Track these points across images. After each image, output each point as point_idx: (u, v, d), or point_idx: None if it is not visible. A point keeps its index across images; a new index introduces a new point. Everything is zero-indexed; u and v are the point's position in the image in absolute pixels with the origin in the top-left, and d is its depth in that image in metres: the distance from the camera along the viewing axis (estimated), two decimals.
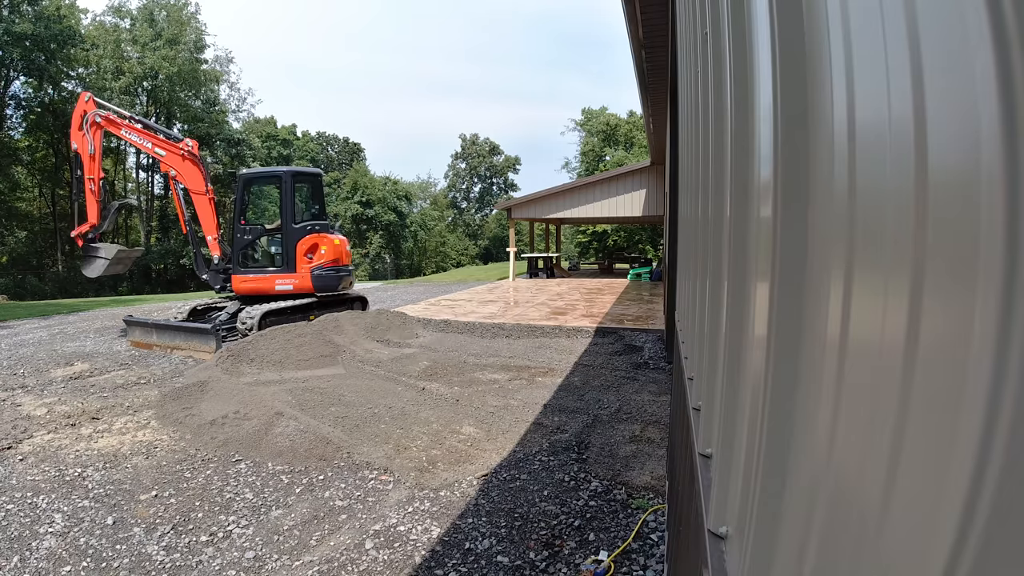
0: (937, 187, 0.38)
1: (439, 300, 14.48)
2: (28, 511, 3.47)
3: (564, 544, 3.11)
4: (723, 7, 1.28)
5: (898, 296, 0.43)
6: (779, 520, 0.75)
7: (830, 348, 0.58)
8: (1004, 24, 0.30)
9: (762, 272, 0.86)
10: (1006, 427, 0.30)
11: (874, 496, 0.45)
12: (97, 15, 35.50)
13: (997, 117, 0.30)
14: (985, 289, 0.32)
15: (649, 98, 10.31)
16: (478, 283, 22.07)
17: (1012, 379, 0.30)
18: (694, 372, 2.14)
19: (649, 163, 18.33)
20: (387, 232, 49.16)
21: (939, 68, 0.38)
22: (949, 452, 0.35)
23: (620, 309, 12.28)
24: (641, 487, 3.78)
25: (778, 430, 0.77)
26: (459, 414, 5.30)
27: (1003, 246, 0.30)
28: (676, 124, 5.00)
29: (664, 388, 6.23)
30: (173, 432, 4.82)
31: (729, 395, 1.18)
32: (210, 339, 7.86)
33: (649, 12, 6.54)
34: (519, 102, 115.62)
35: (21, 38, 27.01)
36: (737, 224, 1.13)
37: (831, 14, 0.59)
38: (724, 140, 1.30)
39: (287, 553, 3.03)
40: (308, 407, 5.41)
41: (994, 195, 0.31)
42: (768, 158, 0.82)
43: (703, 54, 1.80)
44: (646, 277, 21.55)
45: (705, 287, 1.82)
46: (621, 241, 35.00)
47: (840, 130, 0.57)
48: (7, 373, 6.88)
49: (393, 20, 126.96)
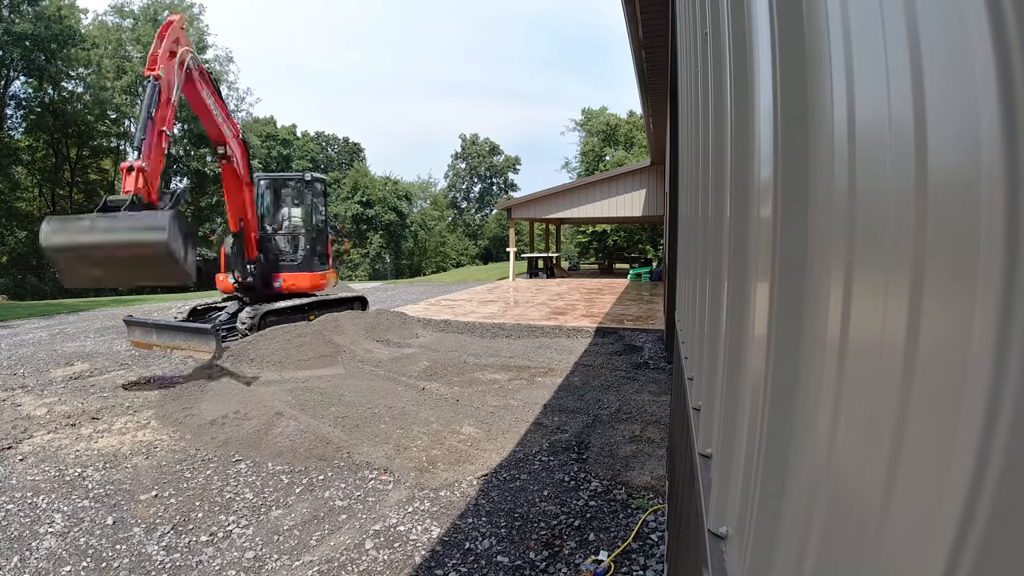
0: (937, 187, 0.38)
1: (439, 300, 14.48)
2: (28, 511, 3.47)
3: (564, 544, 3.11)
4: (723, 7, 1.28)
5: (898, 296, 0.43)
6: (779, 520, 0.75)
7: (830, 348, 0.58)
8: (1004, 24, 0.30)
9: (762, 272, 0.86)
10: (1006, 427, 0.30)
11: (874, 496, 0.45)
12: (100, 15, 35.53)
13: (997, 117, 0.30)
14: (985, 289, 0.32)
15: (649, 98, 10.31)
16: (478, 283, 22.07)
17: (1012, 379, 0.30)
18: (694, 372, 2.14)
19: (649, 163, 18.33)
20: (387, 232, 49.16)
21: (939, 68, 0.38)
22: (949, 452, 0.35)
23: (620, 309, 12.28)
24: (641, 487, 3.78)
25: (778, 430, 0.77)
26: (459, 414, 5.30)
27: (1003, 246, 0.30)
28: (676, 124, 5.00)
29: (664, 388, 6.23)
30: (173, 432, 4.82)
31: (729, 395, 1.18)
32: (210, 339, 7.87)
33: (649, 12, 6.54)
34: (519, 102, 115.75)
35: (21, 38, 27.01)
36: (737, 224, 1.13)
37: (831, 14, 0.59)
38: (724, 140, 1.30)
39: (287, 553, 3.03)
40: (308, 407, 5.41)
41: (994, 195, 0.31)
42: (768, 158, 0.82)
43: (703, 54, 1.80)
44: (646, 277, 21.55)
45: (705, 287, 1.82)
46: (621, 241, 35.00)
47: (840, 130, 0.57)
48: (7, 373, 6.88)
49: (393, 20, 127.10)
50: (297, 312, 9.01)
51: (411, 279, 36.24)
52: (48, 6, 28.43)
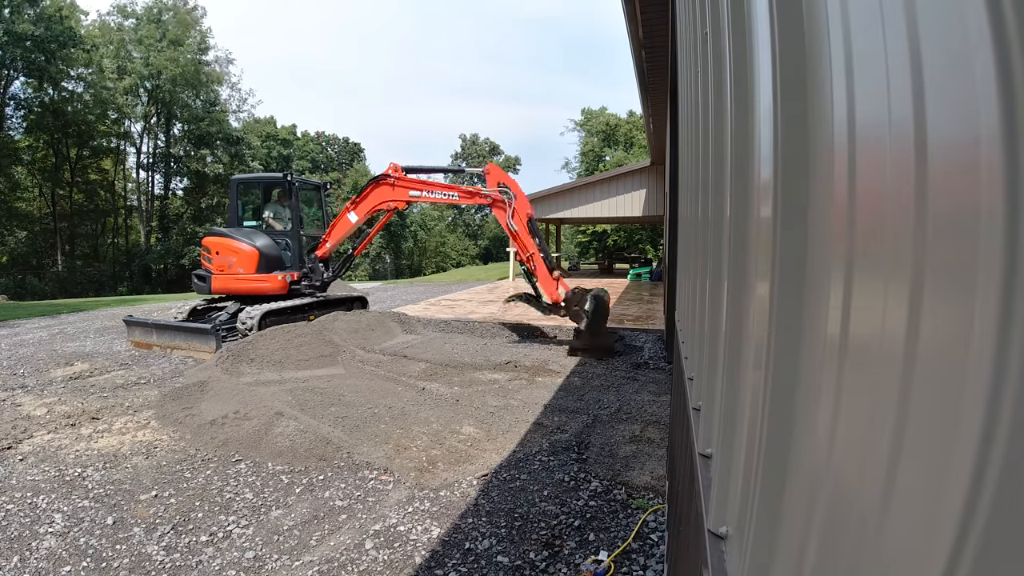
0: (937, 187, 0.38)
1: (439, 300, 14.48)
2: (28, 511, 3.47)
3: (564, 544, 3.11)
4: (723, 7, 1.28)
5: (898, 296, 0.43)
6: (779, 520, 0.75)
7: (830, 348, 0.58)
8: (1004, 24, 0.30)
9: (762, 272, 0.86)
10: (1006, 427, 0.30)
11: (874, 496, 0.45)
12: (103, 14, 35.54)
13: (997, 117, 0.30)
14: (985, 289, 0.32)
15: (649, 98, 10.31)
16: (478, 283, 22.07)
17: (1012, 379, 0.30)
18: (694, 372, 2.14)
19: (649, 163, 18.33)
20: (387, 232, 49.18)
21: (939, 68, 0.38)
22: (949, 452, 0.35)
23: (620, 309, 12.27)
24: (641, 487, 3.78)
25: (778, 430, 0.77)
26: (459, 414, 5.30)
27: (1003, 246, 0.30)
28: (676, 124, 5.00)
29: (664, 388, 6.23)
30: (173, 432, 4.82)
31: (729, 395, 1.18)
32: (210, 339, 7.86)
33: (649, 12, 6.54)
34: (519, 103, 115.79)
35: (22, 38, 27.01)
36: (737, 224, 1.13)
37: (831, 14, 0.59)
38: (724, 140, 1.30)
39: (287, 553, 3.03)
40: (308, 407, 5.41)
41: (994, 195, 0.31)
42: (768, 158, 0.82)
43: (703, 54, 1.80)
44: (646, 277, 21.55)
45: (705, 287, 1.82)
46: (621, 241, 35.02)
47: (840, 130, 0.57)
48: (7, 373, 6.88)
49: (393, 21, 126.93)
50: (297, 312, 9.01)
51: (411, 279, 36.24)
52: (48, 7, 28.43)
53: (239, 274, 8.93)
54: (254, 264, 8.89)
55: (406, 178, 8.81)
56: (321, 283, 9.68)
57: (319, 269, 9.63)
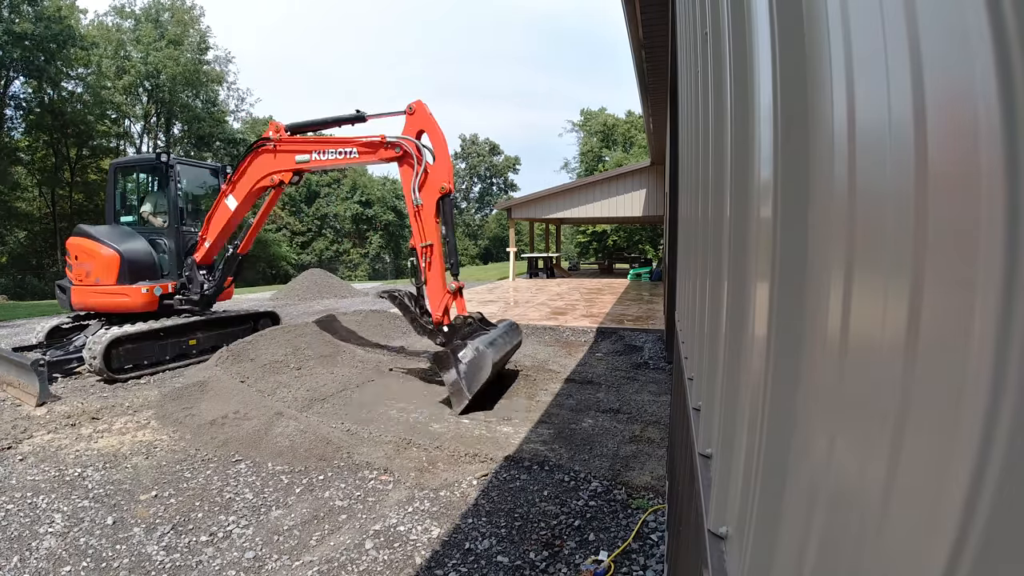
0: (937, 187, 0.38)
1: None
2: (28, 511, 3.47)
3: (564, 544, 3.11)
4: (723, 7, 1.28)
5: (898, 296, 0.43)
6: (779, 520, 0.74)
7: (830, 348, 0.58)
8: (1004, 24, 0.30)
9: (762, 272, 0.86)
10: (1006, 427, 0.30)
11: (874, 496, 0.45)
12: (100, 15, 35.52)
13: (997, 117, 0.30)
14: (985, 289, 0.32)
15: (649, 98, 10.31)
16: (478, 283, 22.06)
17: (1012, 379, 0.30)
18: (694, 372, 2.14)
19: (649, 163, 18.34)
20: (387, 232, 49.19)
21: (939, 68, 0.38)
22: (949, 452, 0.35)
23: (620, 309, 12.28)
24: (641, 487, 3.78)
25: (778, 430, 0.77)
26: None
27: (1003, 246, 0.30)
28: (676, 124, 5.00)
29: (664, 388, 6.23)
30: (173, 432, 4.82)
31: (729, 395, 1.18)
32: (32, 377, 5.51)
33: (649, 12, 6.54)
34: (519, 103, 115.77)
35: (21, 38, 26.99)
36: (737, 224, 1.13)
37: (831, 14, 0.59)
38: (724, 140, 1.30)
39: (287, 553, 3.03)
40: (308, 407, 5.41)
41: (994, 195, 0.31)
42: (768, 158, 0.82)
43: (703, 54, 1.80)
44: (646, 277, 21.55)
45: (705, 287, 1.82)
46: (621, 241, 35.03)
47: (840, 130, 0.57)
48: None
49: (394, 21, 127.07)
50: (171, 336, 7.13)
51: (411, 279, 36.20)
52: (48, 6, 28.41)
53: (97, 284, 7.02)
54: (114, 272, 6.97)
55: (291, 138, 6.62)
56: (201, 296, 7.45)
57: (197, 278, 7.45)
